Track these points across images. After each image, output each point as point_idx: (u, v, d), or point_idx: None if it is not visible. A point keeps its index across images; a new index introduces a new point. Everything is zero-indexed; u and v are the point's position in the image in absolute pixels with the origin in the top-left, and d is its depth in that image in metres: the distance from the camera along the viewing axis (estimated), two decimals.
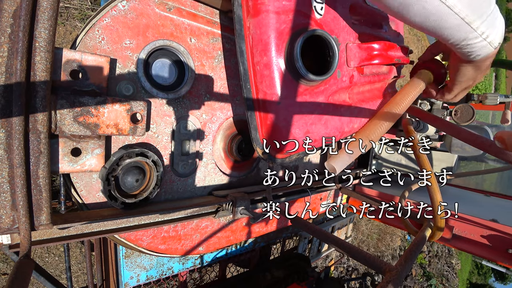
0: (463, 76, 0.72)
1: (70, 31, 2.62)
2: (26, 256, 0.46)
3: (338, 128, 0.77)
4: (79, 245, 2.55)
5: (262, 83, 0.65)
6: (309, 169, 1.19)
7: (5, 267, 2.27)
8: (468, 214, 1.07)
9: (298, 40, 0.62)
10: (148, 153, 0.66)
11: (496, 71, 19.35)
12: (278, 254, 2.19)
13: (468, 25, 0.55)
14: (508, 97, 1.19)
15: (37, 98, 0.46)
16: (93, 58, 0.57)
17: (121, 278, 1.19)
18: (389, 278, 0.56)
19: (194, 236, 0.85)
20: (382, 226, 6.09)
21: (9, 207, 0.46)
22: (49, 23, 0.44)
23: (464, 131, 0.76)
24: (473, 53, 0.61)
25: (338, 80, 0.74)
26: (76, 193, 0.63)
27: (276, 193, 1.00)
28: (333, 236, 0.73)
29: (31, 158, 0.46)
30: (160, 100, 0.72)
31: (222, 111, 0.85)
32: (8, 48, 0.43)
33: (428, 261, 7.90)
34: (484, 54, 0.61)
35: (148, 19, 0.67)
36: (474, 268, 16.83)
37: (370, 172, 1.48)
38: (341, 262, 4.56)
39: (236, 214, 0.81)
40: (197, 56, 0.77)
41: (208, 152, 0.85)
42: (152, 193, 0.69)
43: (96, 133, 0.56)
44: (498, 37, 0.60)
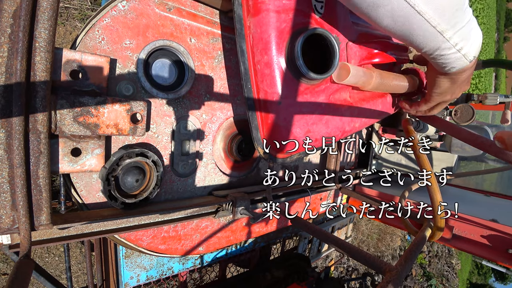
0: (439, 88, 0.70)
1: (70, 31, 2.62)
2: (26, 256, 0.46)
3: (339, 128, 0.77)
4: (79, 245, 2.55)
5: (263, 82, 0.65)
6: (309, 169, 1.19)
7: (5, 267, 2.27)
8: (468, 214, 1.08)
9: (298, 39, 0.62)
10: (148, 153, 0.66)
11: (496, 71, 19.35)
12: (278, 254, 2.19)
13: (440, 34, 0.53)
14: (508, 97, 1.19)
15: (37, 98, 0.46)
16: (93, 58, 0.57)
17: (121, 278, 1.19)
18: (389, 278, 0.56)
19: (194, 236, 0.85)
20: (382, 226, 6.09)
21: (9, 207, 0.46)
22: (49, 23, 0.44)
23: (464, 131, 0.76)
24: (447, 65, 0.59)
25: None
26: (76, 193, 0.63)
27: (276, 193, 1.00)
28: (333, 236, 0.73)
29: (31, 158, 0.46)
30: (160, 100, 0.72)
31: (222, 111, 0.85)
32: (8, 48, 0.43)
33: (428, 261, 7.90)
34: (459, 66, 0.59)
35: (148, 19, 0.67)
36: (474, 268, 16.84)
37: (370, 172, 1.48)
38: (341, 262, 4.56)
39: (236, 214, 0.81)
40: (197, 56, 0.77)
41: (208, 152, 0.85)
42: (152, 193, 0.69)
43: (96, 133, 0.56)
44: (474, 50, 0.57)
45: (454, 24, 0.52)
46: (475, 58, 0.58)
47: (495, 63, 1.08)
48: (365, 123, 0.85)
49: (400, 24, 0.53)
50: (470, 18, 0.54)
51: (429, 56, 0.60)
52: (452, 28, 0.52)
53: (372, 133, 1.47)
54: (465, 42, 0.55)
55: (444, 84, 0.68)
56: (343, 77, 0.69)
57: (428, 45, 0.56)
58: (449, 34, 0.53)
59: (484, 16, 12.86)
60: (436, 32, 0.52)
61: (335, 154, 1.21)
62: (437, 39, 0.54)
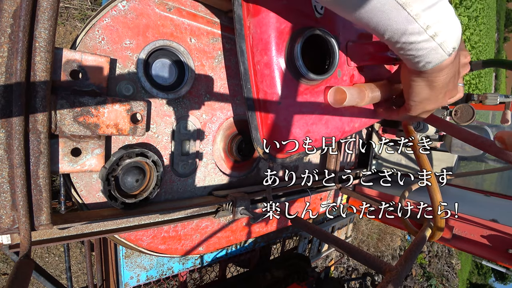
0: (417, 95, 0.57)
1: (70, 31, 2.62)
2: (26, 256, 0.46)
3: (338, 128, 0.77)
4: (79, 245, 2.55)
5: (262, 83, 0.65)
6: (309, 169, 1.19)
7: (5, 267, 2.27)
8: (468, 214, 1.08)
9: (298, 40, 0.62)
10: (148, 153, 0.66)
11: (496, 71, 19.36)
12: (278, 254, 2.19)
13: (403, 9, 0.40)
14: (508, 97, 1.19)
15: (37, 98, 0.46)
16: (93, 58, 0.57)
17: (121, 278, 1.19)
18: (389, 278, 0.56)
19: (194, 236, 0.85)
20: (382, 226, 6.09)
21: (9, 207, 0.46)
22: (49, 23, 0.44)
23: (464, 131, 0.76)
24: (420, 59, 0.47)
25: (339, 80, 0.74)
26: (76, 193, 0.63)
27: (276, 193, 1.00)
28: (333, 236, 0.73)
29: (31, 158, 0.46)
30: (160, 100, 0.72)
31: (222, 111, 0.85)
32: (8, 48, 0.43)
33: (428, 261, 7.90)
34: (436, 61, 0.46)
35: (148, 19, 0.67)
36: (474, 268, 16.84)
37: (370, 172, 1.48)
38: (341, 262, 4.56)
39: (236, 214, 0.81)
40: (197, 56, 0.77)
41: (208, 152, 0.85)
42: (152, 193, 0.69)
43: (96, 133, 0.56)
44: (453, 38, 0.44)
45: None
46: (455, 51, 0.46)
47: (495, 63, 1.08)
48: (365, 123, 0.85)
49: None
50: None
51: (395, 46, 0.47)
52: (418, 1, 0.40)
53: (372, 133, 1.47)
54: (440, 26, 0.43)
55: (422, 89, 0.55)
56: (340, 102, 0.67)
57: (390, 27, 0.43)
58: (415, 10, 0.41)
59: (484, 16, 12.86)
60: (397, 4, 0.40)
61: (335, 154, 1.21)
62: (401, 15, 0.41)
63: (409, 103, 0.61)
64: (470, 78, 10.94)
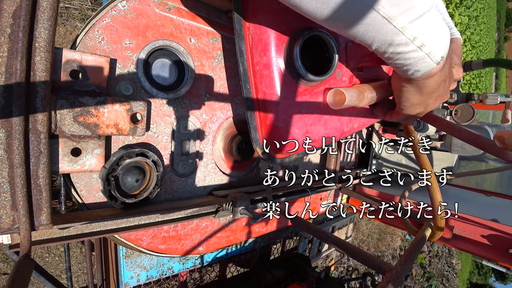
0: (406, 100, 0.59)
1: (70, 31, 2.62)
2: (26, 256, 0.46)
3: (337, 128, 0.77)
4: (79, 245, 2.55)
5: (262, 83, 0.65)
6: (309, 169, 1.19)
7: (5, 267, 2.27)
8: (468, 214, 1.07)
9: (298, 41, 0.62)
10: (148, 153, 0.66)
11: (496, 71, 19.35)
12: (278, 254, 2.20)
13: (389, 23, 0.40)
14: (509, 96, 1.19)
15: (37, 98, 0.46)
16: (93, 58, 0.57)
17: (121, 278, 1.19)
18: (389, 278, 0.56)
19: (194, 236, 0.85)
20: (382, 226, 6.09)
21: (9, 207, 0.46)
22: (49, 23, 0.44)
23: (464, 130, 0.76)
24: (409, 67, 0.47)
25: (338, 80, 0.74)
26: (76, 193, 0.63)
27: (276, 193, 1.00)
28: (333, 236, 0.73)
29: (31, 158, 0.46)
30: (160, 100, 0.72)
31: (222, 111, 0.85)
32: (8, 48, 0.43)
33: (428, 261, 7.90)
34: (424, 70, 0.47)
35: (148, 19, 0.67)
36: (474, 268, 16.84)
37: (370, 172, 1.48)
38: (341, 262, 4.56)
39: (236, 214, 0.81)
40: (197, 56, 0.77)
41: (208, 152, 0.85)
42: (152, 193, 0.69)
43: (96, 133, 0.56)
44: (441, 48, 0.45)
45: (406, 9, 0.40)
46: (443, 59, 0.47)
47: (495, 62, 1.08)
48: (364, 123, 0.85)
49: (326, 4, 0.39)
50: (431, 8, 0.42)
51: (383, 56, 0.48)
52: (404, 15, 0.40)
53: (372, 133, 1.47)
54: (427, 37, 0.43)
55: (411, 95, 0.56)
56: (339, 104, 0.67)
57: (377, 39, 0.43)
58: (400, 23, 0.40)
59: (484, 15, 12.85)
60: (381, 18, 0.40)
61: (335, 154, 1.21)
62: (386, 29, 0.41)
63: (400, 107, 0.64)
64: (470, 77, 10.92)
